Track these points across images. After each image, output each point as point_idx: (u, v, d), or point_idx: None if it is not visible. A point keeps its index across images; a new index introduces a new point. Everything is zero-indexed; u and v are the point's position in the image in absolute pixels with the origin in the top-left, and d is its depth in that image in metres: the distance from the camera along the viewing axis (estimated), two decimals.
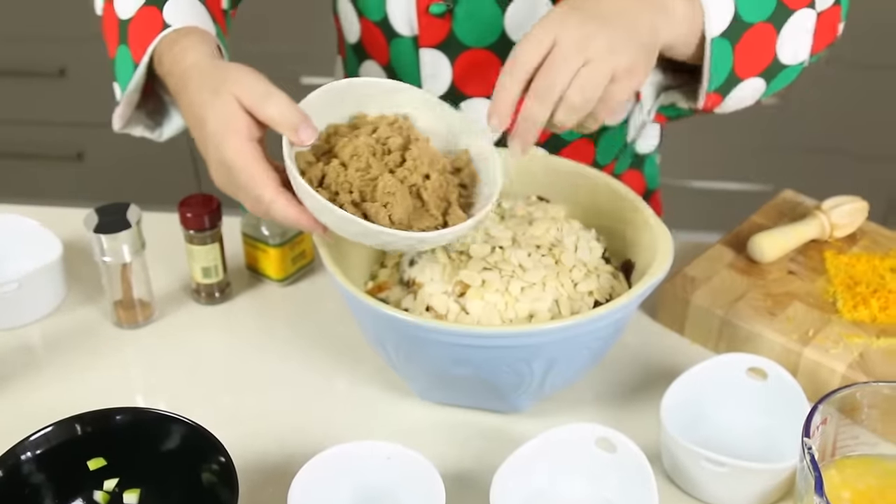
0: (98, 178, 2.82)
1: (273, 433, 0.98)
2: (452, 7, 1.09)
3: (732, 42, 0.95)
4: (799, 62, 1.02)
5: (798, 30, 0.99)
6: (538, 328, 0.86)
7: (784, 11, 0.97)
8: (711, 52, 0.93)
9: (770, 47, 0.98)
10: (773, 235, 1.12)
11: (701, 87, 0.96)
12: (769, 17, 0.96)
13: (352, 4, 1.17)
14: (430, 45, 1.12)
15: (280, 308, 1.14)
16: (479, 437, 0.98)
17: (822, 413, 0.84)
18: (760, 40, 0.97)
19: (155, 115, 1.10)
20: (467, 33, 1.11)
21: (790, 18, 0.98)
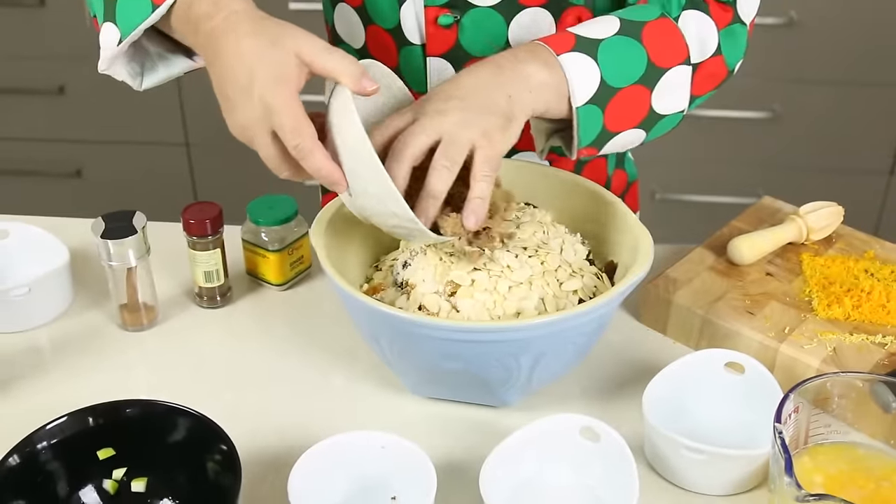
0: (96, 194, 2.85)
1: (273, 427, 1.02)
2: (459, 18, 1.14)
3: (601, 106, 1.01)
4: (678, 111, 1.07)
5: (673, 86, 1.05)
6: (525, 323, 0.90)
7: (655, 72, 1.03)
8: (578, 118, 1.00)
9: (643, 103, 1.04)
10: (751, 238, 1.17)
11: (573, 144, 1.03)
12: (639, 79, 1.02)
13: (356, 13, 1.21)
14: (438, 54, 1.17)
15: (279, 311, 1.19)
16: (469, 430, 1.02)
17: (793, 401, 0.89)
18: (631, 100, 1.03)
19: (133, 62, 1.11)
20: (473, 43, 1.16)
21: (662, 77, 1.03)
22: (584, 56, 0.99)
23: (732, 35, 1.09)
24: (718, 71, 1.09)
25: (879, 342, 1.05)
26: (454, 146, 0.91)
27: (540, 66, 0.98)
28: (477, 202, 0.92)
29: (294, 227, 1.19)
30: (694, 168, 2.65)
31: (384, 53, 1.22)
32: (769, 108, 2.51)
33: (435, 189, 0.91)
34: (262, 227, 1.17)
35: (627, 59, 1.02)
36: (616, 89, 1.01)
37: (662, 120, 1.06)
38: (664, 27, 1.04)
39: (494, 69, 0.98)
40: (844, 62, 2.46)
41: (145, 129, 2.73)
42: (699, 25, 1.07)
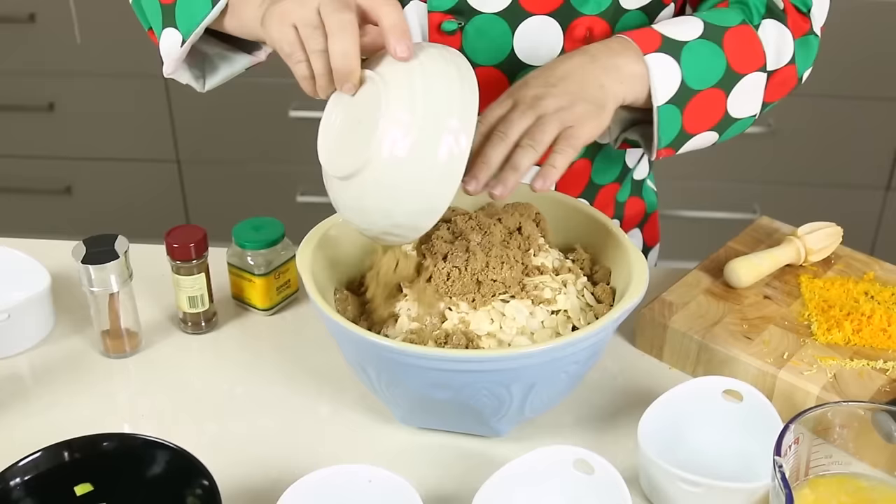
0: (86, 211, 2.83)
1: (257, 459, 0.99)
2: (463, 25, 1.12)
3: (680, 107, 1.04)
4: (751, 115, 1.11)
5: (748, 91, 1.08)
6: (516, 352, 0.88)
7: (733, 76, 1.06)
8: (658, 117, 1.04)
9: (720, 107, 1.07)
10: (749, 261, 1.14)
11: (652, 144, 1.07)
12: (717, 82, 1.05)
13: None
14: None
15: (265, 337, 1.16)
16: (460, 461, 0.99)
17: (793, 432, 0.86)
18: (709, 103, 1.06)
19: (194, 67, 1.13)
20: (477, 52, 1.13)
21: (739, 82, 1.07)
22: (668, 57, 1.03)
23: (807, 45, 1.12)
24: (790, 79, 1.11)
25: (881, 368, 1.03)
26: (543, 130, 0.94)
27: (630, 59, 1.02)
28: (548, 169, 0.94)
29: (281, 250, 1.16)
30: (688, 183, 2.63)
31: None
32: (764, 122, 2.49)
33: (519, 163, 0.93)
34: (248, 250, 1.15)
35: (708, 63, 1.05)
36: (695, 91, 1.04)
37: (736, 123, 1.10)
38: (745, 34, 1.07)
39: (588, 58, 1.01)
40: (840, 76, 2.45)
41: (136, 145, 2.71)
42: (777, 34, 1.09)
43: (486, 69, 1.15)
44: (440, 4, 1.11)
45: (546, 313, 0.95)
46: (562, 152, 0.95)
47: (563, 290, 0.98)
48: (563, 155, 0.95)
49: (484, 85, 1.15)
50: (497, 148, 0.94)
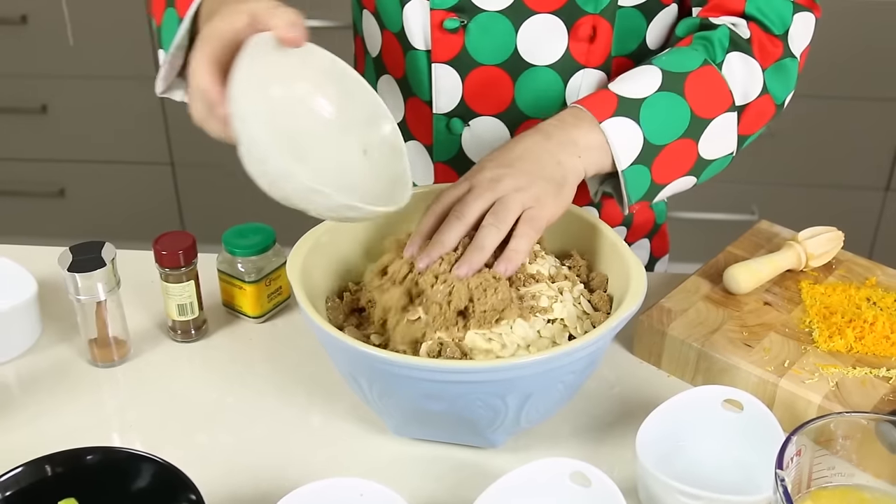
0: (80, 214, 2.81)
1: (247, 471, 0.97)
2: (466, 23, 1.10)
3: (647, 164, 1.03)
4: (728, 153, 1.09)
5: (719, 133, 1.06)
6: (511, 363, 0.86)
7: (699, 123, 1.04)
8: (625, 179, 1.02)
9: (691, 154, 1.05)
10: (748, 266, 1.12)
11: (623, 202, 1.05)
12: (683, 133, 1.04)
13: (374, 17, 1.19)
14: (443, 61, 1.14)
15: (256, 345, 1.14)
16: (454, 472, 0.97)
17: (795, 444, 0.84)
18: (678, 153, 1.04)
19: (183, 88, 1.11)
20: (480, 50, 1.12)
21: (708, 127, 1.05)
22: (627, 119, 1.01)
23: (782, 70, 1.08)
24: (766, 109, 1.09)
25: (884, 376, 1.01)
26: (505, 209, 0.93)
27: (586, 131, 1.00)
28: (511, 253, 0.93)
29: (272, 256, 1.14)
30: None
31: (394, 59, 1.19)
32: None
33: (483, 243, 0.92)
34: (238, 257, 1.12)
35: (671, 116, 1.03)
36: (661, 147, 1.03)
37: (712, 164, 1.08)
38: (707, 76, 1.04)
39: (542, 136, 1.00)
40: (839, 76, 2.43)
41: (129, 148, 2.69)
42: (744, 68, 1.06)
43: (489, 68, 1.13)
44: (442, 2, 1.10)
45: (542, 322, 0.93)
46: (524, 235, 0.93)
47: (560, 299, 0.95)
48: (525, 238, 0.93)
49: (487, 84, 1.14)
50: (453, 229, 0.93)
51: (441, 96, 1.17)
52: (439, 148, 1.21)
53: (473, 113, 1.18)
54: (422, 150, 1.24)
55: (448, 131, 1.20)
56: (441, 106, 1.18)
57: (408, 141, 1.24)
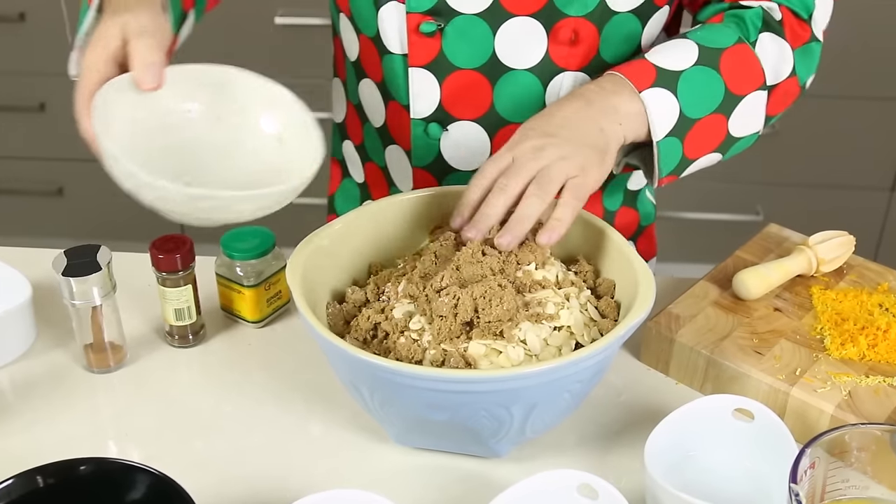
0: (79, 213, 2.79)
1: (245, 481, 0.95)
2: (443, 26, 1.08)
3: (681, 137, 1.02)
4: (755, 132, 1.09)
5: (749, 111, 1.06)
6: (516, 372, 0.83)
7: (732, 99, 1.04)
8: (659, 151, 1.02)
9: (721, 130, 1.05)
10: (758, 272, 1.10)
11: (654, 174, 1.05)
12: (717, 108, 1.03)
13: (350, 21, 1.16)
14: (420, 65, 1.11)
15: (255, 351, 1.11)
16: (457, 483, 0.95)
17: (809, 457, 0.82)
18: (710, 128, 1.04)
19: None
20: (457, 54, 1.10)
21: (739, 104, 1.04)
22: (665, 91, 1.00)
23: (808, 53, 1.08)
24: (792, 90, 1.09)
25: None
26: (549, 179, 0.92)
27: (626, 98, 0.99)
28: (555, 223, 0.93)
29: (271, 260, 1.11)
30: (689, 185, 2.58)
31: (372, 64, 1.17)
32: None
33: (525, 214, 0.92)
34: (237, 260, 1.10)
35: (706, 90, 1.02)
36: (695, 120, 1.02)
37: (739, 141, 1.08)
38: (742, 54, 1.04)
39: (584, 102, 0.98)
40: (844, 75, 2.41)
41: None
42: (776, 50, 1.06)
43: (467, 72, 1.11)
44: (419, 5, 1.07)
45: (548, 330, 0.91)
46: (568, 205, 0.93)
47: (566, 305, 0.93)
48: (569, 207, 0.93)
49: (465, 88, 1.11)
50: (498, 200, 0.93)
51: (418, 101, 1.14)
52: (417, 153, 1.19)
53: (452, 118, 1.15)
54: (402, 155, 1.22)
55: (426, 136, 1.17)
56: (419, 111, 1.15)
57: (389, 145, 1.22)
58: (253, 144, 0.98)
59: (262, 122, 0.99)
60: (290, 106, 0.98)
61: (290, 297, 1.16)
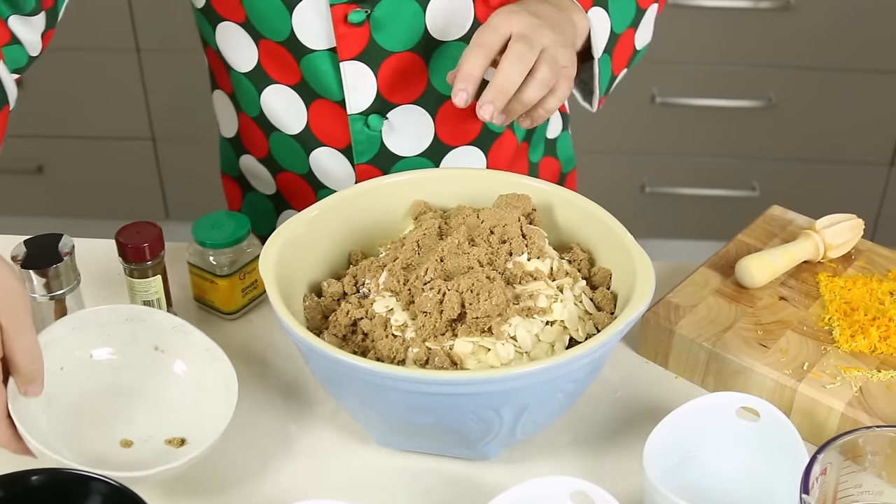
0: (59, 191, 2.72)
1: (216, 487, 0.89)
2: (370, 12, 1.01)
3: (610, 52, 1.06)
4: (646, 45, 1.14)
5: (647, 22, 1.12)
6: (506, 373, 0.77)
7: (639, 13, 1.09)
8: (599, 69, 1.05)
9: (631, 44, 1.10)
10: (762, 258, 1.03)
11: (594, 97, 1.08)
12: (631, 22, 1.08)
13: (243, 29, 1.08)
14: (351, 57, 1.04)
15: (230, 344, 1.05)
16: (443, 487, 0.89)
17: (821, 463, 0.76)
18: (626, 43, 1.08)
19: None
20: (388, 38, 1.03)
21: (644, 16, 1.10)
22: (601, 9, 1.03)
23: None
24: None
25: None
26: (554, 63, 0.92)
27: (581, 16, 1.00)
28: (543, 112, 0.95)
29: (246, 248, 1.05)
30: (685, 160, 2.53)
31: (281, 68, 1.08)
32: (764, 96, 2.39)
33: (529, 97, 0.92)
34: (210, 249, 1.03)
35: (625, 4, 1.06)
36: (618, 35, 1.06)
37: (637, 55, 1.13)
38: None
39: (555, 10, 0.97)
40: (842, 48, 2.35)
41: (109, 123, 2.60)
42: None
43: (401, 55, 1.05)
44: None
45: (540, 325, 0.85)
46: (557, 96, 0.94)
47: (559, 298, 0.87)
48: (560, 99, 0.94)
49: (400, 72, 1.06)
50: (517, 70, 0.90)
51: (354, 95, 1.07)
52: (359, 148, 1.11)
53: (390, 105, 1.08)
54: (334, 155, 1.14)
55: (367, 129, 1.10)
56: (355, 105, 1.08)
57: (314, 149, 1.14)
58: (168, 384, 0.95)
59: (176, 363, 0.95)
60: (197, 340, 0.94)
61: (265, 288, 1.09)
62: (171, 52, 2.46)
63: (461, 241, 0.88)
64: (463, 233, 0.89)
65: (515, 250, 0.88)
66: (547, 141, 1.26)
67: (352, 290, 0.91)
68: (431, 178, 0.99)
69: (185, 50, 2.45)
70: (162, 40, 2.45)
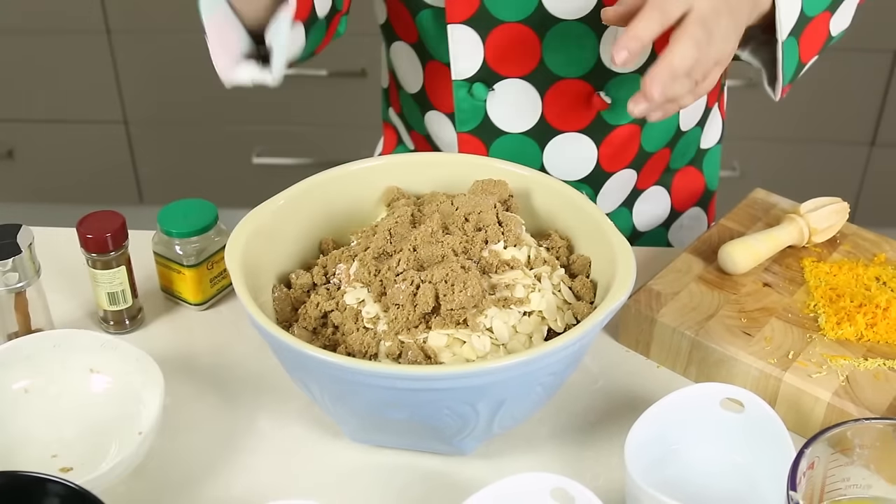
0: (30, 176, 2.67)
1: (184, 484, 0.86)
2: None
3: (797, 36, 0.97)
4: (844, 28, 1.05)
5: (848, 7, 1.03)
6: (482, 367, 0.74)
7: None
8: (784, 53, 0.96)
9: (826, 30, 1.01)
10: (745, 243, 1.01)
11: (777, 84, 1.00)
12: (828, 5, 0.99)
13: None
14: (459, 21, 1.01)
15: (198, 336, 1.02)
16: (418, 484, 0.86)
17: (808, 458, 0.73)
18: (820, 27, 0.99)
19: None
20: (500, 6, 1.00)
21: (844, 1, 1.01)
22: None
23: None
24: None
25: None
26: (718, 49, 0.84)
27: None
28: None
29: (214, 236, 1.02)
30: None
31: (402, 22, 1.08)
32: (744, 76, 2.36)
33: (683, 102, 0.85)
34: (176, 238, 1.00)
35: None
36: (810, 18, 0.97)
37: (831, 41, 1.04)
38: None
39: None
40: None
41: (80, 106, 2.55)
42: None
43: (512, 25, 1.01)
44: None
45: (517, 316, 0.82)
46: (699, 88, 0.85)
47: (537, 287, 0.84)
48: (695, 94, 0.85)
49: (511, 43, 1.02)
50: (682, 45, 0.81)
51: (459, 60, 1.04)
52: (462, 116, 1.09)
53: (498, 76, 1.05)
54: (443, 120, 1.13)
55: (470, 98, 1.07)
56: (460, 71, 1.05)
57: (428, 111, 1.13)
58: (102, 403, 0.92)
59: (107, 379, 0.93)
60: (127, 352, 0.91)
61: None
62: (142, 33, 2.42)
63: (435, 229, 0.85)
64: (437, 220, 0.86)
65: (491, 238, 0.85)
66: (699, 150, 1.22)
67: (322, 281, 0.88)
68: (404, 163, 0.96)
69: (156, 31, 2.40)
70: (132, 21, 2.40)
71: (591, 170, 1.12)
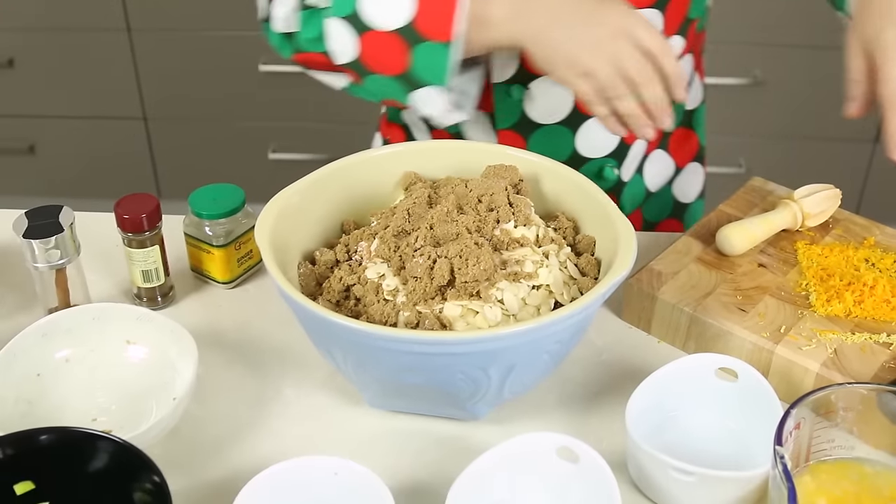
0: (51, 171, 2.74)
1: (215, 448, 0.92)
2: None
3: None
4: None
5: None
6: (493, 333, 0.80)
7: None
8: None
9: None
10: (742, 227, 1.07)
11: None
12: None
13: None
14: None
15: (226, 312, 1.08)
16: (434, 447, 0.92)
17: (794, 418, 0.79)
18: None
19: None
20: None
21: None
22: None
23: None
24: None
25: (884, 342, 0.96)
26: None
27: None
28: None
29: (241, 219, 1.08)
30: None
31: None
32: (750, 73, 2.42)
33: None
34: (206, 220, 1.06)
35: None
36: None
37: None
38: None
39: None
40: (828, 25, 2.37)
41: (101, 102, 2.61)
42: None
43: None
44: None
45: (526, 289, 0.88)
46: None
47: (545, 263, 0.90)
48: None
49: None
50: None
51: (498, 66, 1.13)
52: (501, 115, 1.17)
53: (531, 76, 1.13)
54: (480, 117, 1.20)
55: (508, 97, 1.16)
56: (499, 75, 1.14)
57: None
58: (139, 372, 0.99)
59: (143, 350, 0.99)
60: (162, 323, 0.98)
61: (260, 257, 1.12)
62: (161, 32, 2.48)
63: (450, 209, 0.91)
64: (452, 201, 0.92)
65: (503, 218, 0.92)
66: (685, 112, 1.28)
67: (344, 258, 0.94)
68: (421, 150, 1.02)
69: (175, 29, 2.47)
70: (153, 20, 2.46)
71: (615, 146, 1.20)
